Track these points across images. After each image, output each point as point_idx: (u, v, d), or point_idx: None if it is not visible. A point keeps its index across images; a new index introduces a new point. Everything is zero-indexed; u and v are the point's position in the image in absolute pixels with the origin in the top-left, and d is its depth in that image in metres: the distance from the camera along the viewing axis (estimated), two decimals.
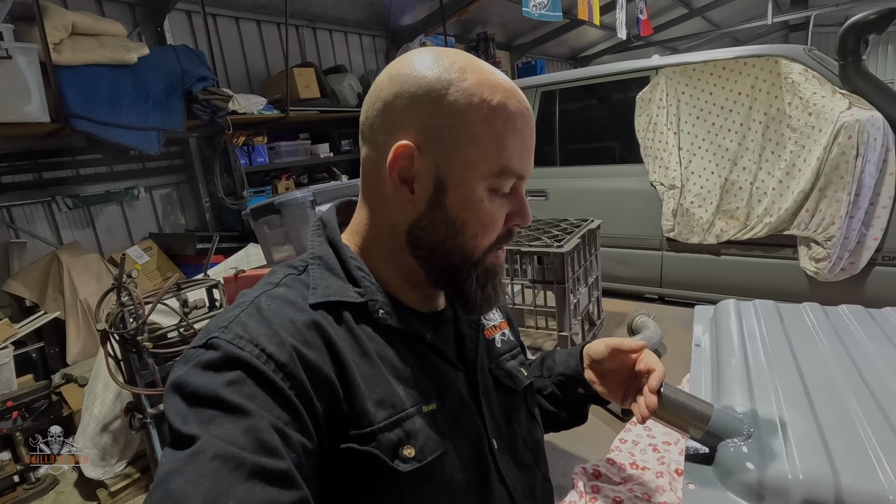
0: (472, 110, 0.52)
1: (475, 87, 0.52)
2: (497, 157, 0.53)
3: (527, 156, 0.56)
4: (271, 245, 1.86)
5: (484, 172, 0.53)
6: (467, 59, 0.55)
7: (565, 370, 0.77)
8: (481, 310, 0.60)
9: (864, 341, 0.79)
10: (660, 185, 2.53)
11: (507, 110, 0.53)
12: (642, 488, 0.80)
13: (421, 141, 0.53)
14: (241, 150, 3.56)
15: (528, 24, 6.04)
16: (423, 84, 0.53)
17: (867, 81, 2.04)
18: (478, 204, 0.54)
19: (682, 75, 2.47)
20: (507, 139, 0.53)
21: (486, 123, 0.52)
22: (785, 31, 8.79)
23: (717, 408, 0.61)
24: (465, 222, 0.55)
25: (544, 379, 0.80)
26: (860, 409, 0.60)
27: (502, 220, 0.57)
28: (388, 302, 0.58)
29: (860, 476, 0.50)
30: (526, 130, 0.55)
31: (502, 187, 0.55)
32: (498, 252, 0.59)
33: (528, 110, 0.56)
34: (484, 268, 0.58)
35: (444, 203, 0.54)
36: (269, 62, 4.17)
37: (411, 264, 0.58)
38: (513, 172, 0.54)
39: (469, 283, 0.58)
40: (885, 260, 2.04)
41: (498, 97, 0.53)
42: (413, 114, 0.53)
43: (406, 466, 0.51)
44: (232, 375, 0.45)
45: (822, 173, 2.01)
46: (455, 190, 0.54)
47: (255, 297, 0.54)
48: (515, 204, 0.57)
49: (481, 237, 0.56)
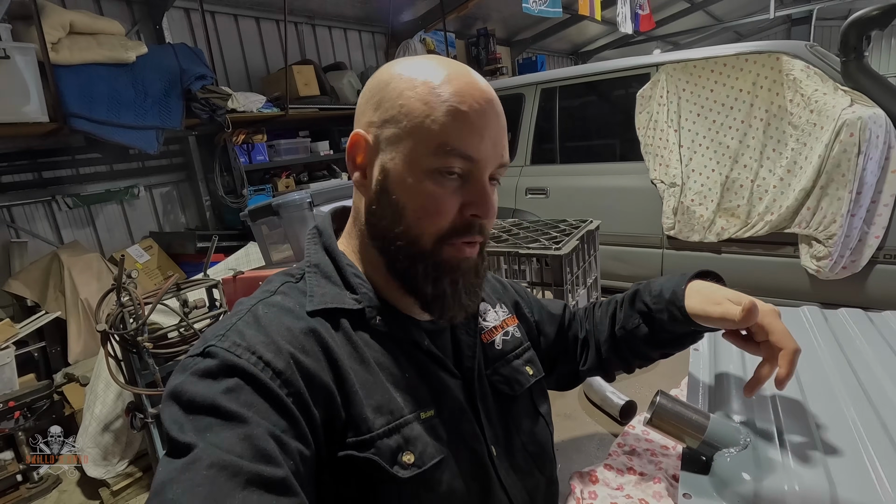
0: (410, 91, 0.53)
1: (421, 70, 0.54)
2: (434, 134, 0.52)
3: (475, 137, 0.53)
4: (270, 245, 1.86)
5: (422, 151, 0.53)
6: (431, 58, 0.56)
7: (670, 318, 0.70)
8: (434, 309, 0.57)
9: (863, 347, 0.78)
10: (660, 183, 2.52)
11: (448, 89, 0.52)
12: (639, 493, 0.80)
13: (370, 127, 0.56)
14: (240, 149, 3.55)
15: (528, 19, 5.99)
16: (379, 79, 0.56)
17: (869, 78, 2.02)
18: (417, 185, 0.53)
19: (682, 72, 2.45)
20: (444, 117, 0.52)
21: (425, 104, 0.52)
22: (787, 25, 8.73)
23: (713, 417, 0.61)
24: (406, 205, 0.54)
25: (629, 329, 0.75)
26: (858, 419, 0.60)
27: (451, 205, 0.54)
28: (385, 309, 0.58)
29: (857, 489, 0.50)
30: (472, 111, 0.53)
31: (445, 166, 0.53)
32: (460, 246, 0.56)
33: (480, 92, 0.54)
34: (438, 261, 0.55)
35: (388, 185, 0.55)
36: (268, 60, 4.15)
37: (378, 259, 0.58)
38: (454, 151, 0.52)
39: (414, 274, 0.56)
40: (886, 258, 2.03)
41: (442, 77, 0.53)
42: (367, 104, 0.56)
43: (405, 473, 0.51)
44: (229, 383, 0.45)
45: (824, 171, 2.00)
46: (396, 171, 0.54)
47: (253, 306, 0.54)
48: (472, 192, 0.54)
49: (425, 223, 0.54)
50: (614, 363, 0.81)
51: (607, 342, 0.79)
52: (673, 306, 0.69)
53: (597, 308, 0.84)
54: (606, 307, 0.82)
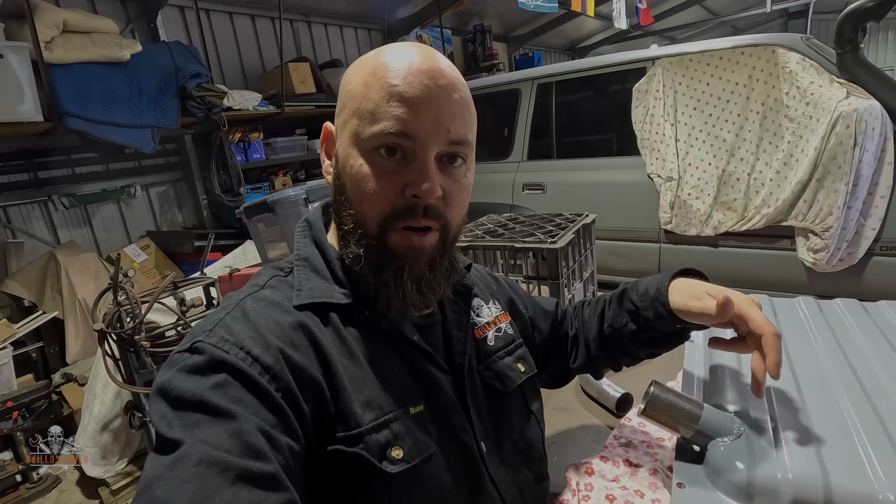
0: (354, 73, 0.55)
1: (372, 58, 0.55)
2: (366, 110, 0.52)
3: (411, 111, 0.51)
4: (266, 243, 1.85)
5: (355, 128, 0.53)
6: (398, 44, 0.56)
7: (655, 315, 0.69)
8: (379, 300, 0.55)
9: (858, 336, 0.78)
10: (657, 177, 2.52)
11: (387, 67, 0.52)
12: (635, 485, 0.80)
13: (335, 119, 0.58)
14: (236, 147, 3.55)
15: (524, 15, 5.98)
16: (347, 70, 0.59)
17: (865, 70, 2.02)
18: (354, 166, 0.53)
19: (678, 66, 2.44)
20: (380, 94, 0.51)
21: (364, 85, 0.53)
22: (784, 18, 8.72)
23: (707, 406, 0.61)
24: (346, 184, 0.55)
25: (618, 328, 0.75)
26: (852, 408, 0.60)
27: (389, 185, 0.52)
28: (374, 304, 0.58)
29: (850, 476, 0.50)
30: (412, 88, 0.51)
31: (381, 143, 0.51)
32: (407, 234, 0.53)
33: (426, 70, 0.52)
34: (383, 247, 0.54)
35: (339, 171, 0.56)
36: (263, 57, 4.14)
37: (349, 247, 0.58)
38: (383, 123, 0.50)
39: (360, 261, 0.54)
40: (882, 250, 2.03)
41: (383, 59, 0.53)
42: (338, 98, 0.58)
43: (394, 468, 0.51)
44: (217, 379, 0.45)
45: (820, 163, 2.00)
46: (343, 155, 0.55)
47: (241, 300, 0.54)
48: (413, 171, 0.52)
49: (365, 205, 0.53)
50: (603, 361, 0.81)
51: (596, 340, 0.79)
52: (657, 303, 0.69)
53: (586, 306, 0.84)
54: (595, 305, 0.82)
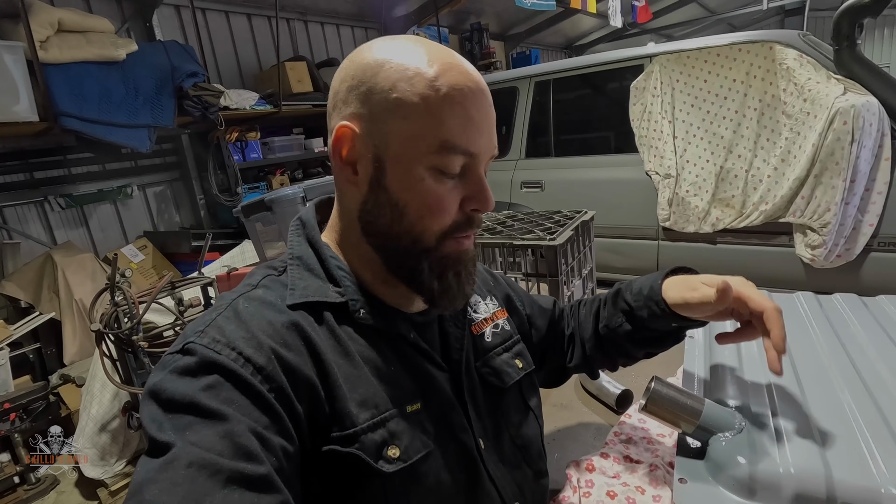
0: (404, 84, 0.50)
1: (410, 61, 0.51)
2: (434, 131, 0.50)
3: (474, 132, 0.52)
4: (264, 242, 1.85)
5: (421, 149, 0.51)
6: (415, 41, 0.53)
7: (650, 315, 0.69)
8: (441, 303, 0.57)
9: (857, 331, 0.78)
10: (655, 175, 2.52)
11: (445, 82, 0.50)
12: (636, 481, 0.80)
13: (359, 120, 0.52)
14: (234, 147, 3.53)
15: (521, 13, 5.98)
16: (361, 64, 0.53)
17: (862, 66, 2.02)
18: (419, 183, 0.52)
19: (676, 63, 2.44)
20: (444, 113, 0.50)
21: (420, 97, 0.50)
22: (781, 15, 8.71)
23: (708, 402, 0.61)
24: (408, 203, 0.53)
25: (613, 328, 0.75)
26: (853, 402, 0.60)
27: (453, 202, 0.54)
28: (369, 301, 0.57)
29: (852, 470, 0.50)
30: (470, 104, 0.51)
31: (448, 166, 0.52)
32: (460, 239, 0.56)
33: (475, 83, 0.52)
34: (441, 255, 0.55)
35: (384, 183, 0.53)
36: (260, 56, 4.13)
37: (372, 254, 0.57)
38: (455, 149, 0.51)
39: (422, 272, 0.55)
40: (880, 246, 2.03)
41: (434, 70, 0.50)
42: (352, 93, 0.53)
43: (390, 467, 0.51)
44: (209, 380, 0.44)
45: (818, 160, 2.00)
46: (393, 168, 0.52)
47: (233, 300, 0.53)
48: (471, 187, 0.54)
49: (428, 220, 0.53)
50: (598, 361, 0.81)
51: (591, 340, 0.79)
52: (651, 301, 0.69)
53: (582, 306, 0.84)
54: (591, 305, 0.82)
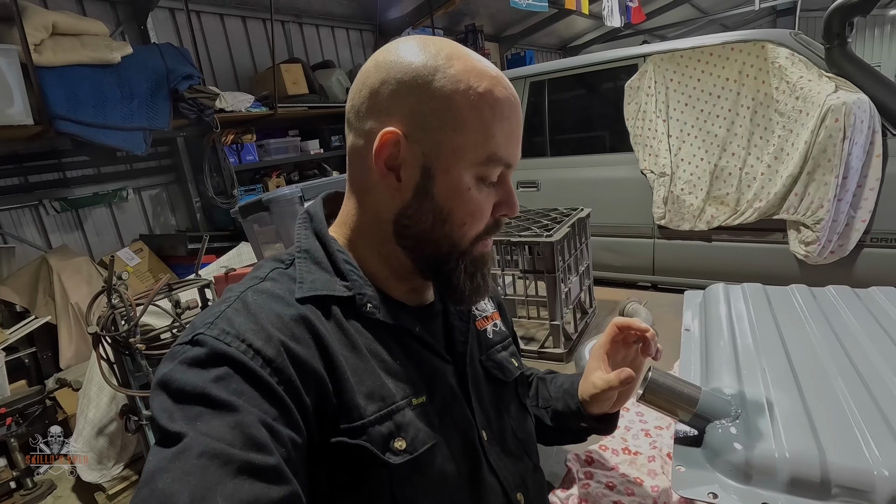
0: (458, 97, 0.52)
1: (462, 73, 0.52)
2: (484, 144, 0.53)
3: (514, 144, 0.56)
4: (262, 243, 1.85)
5: (471, 160, 0.53)
6: (453, 47, 0.55)
7: (564, 409, 0.76)
8: (470, 300, 0.60)
9: (850, 321, 0.80)
10: (650, 173, 2.53)
11: (494, 97, 0.53)
12: (635, 472, 0.81)
13: (408, 128, 0.53)
14: (229, 149, 3.53)
15: (516, 14, 6.00)
16: (409, 70, 0.53)
17: (853, 64, 2.04)
18: (465, 192, 0.54)
19: (669, 62, 2.46)
20: (493, 126, 0.53)
21: (473, 110, 0.52)
22: (773, 16, 8.79)
23: (705, 390, 0.61)
24: (453, 211, 0.55)
25: (540, 409, 0.79)
26: (846, 388, 0.61)
27: (490, 209, 0.57)
28: (377, 295, 0.58)
29: (845, 453, 0.51)
30: (513, 118, 0.55)
31: (490, 176, 0.55)
32: (486, 242, 0.59)
33: (515, 98, 0.56)
34: (472, 258, 0.58)
35: (432, 191, 0.54)
36: (255, 59, 4.12)
37: (398, 255, 0.58)
38: (500, 160, 0.55)
39: (458, 274, 0.58)
40: (873, 241, 2.05)
41: (485, 84, 0.53)
42: (400, 100, 0.53)
43: (397, 459, 0.51)
44: (219, 371, 0.45)
45: (811, 157, 2.02)
46: (442, 177, 0.54)
47: (242, 292, 0.54)
48: (502, 193, 0.58)
49: (469, 226, 0.56)
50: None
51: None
52: (568, 395, 0.75)
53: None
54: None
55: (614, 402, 0.71)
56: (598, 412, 0.72)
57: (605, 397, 0.69)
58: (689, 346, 0.82)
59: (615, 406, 0.72)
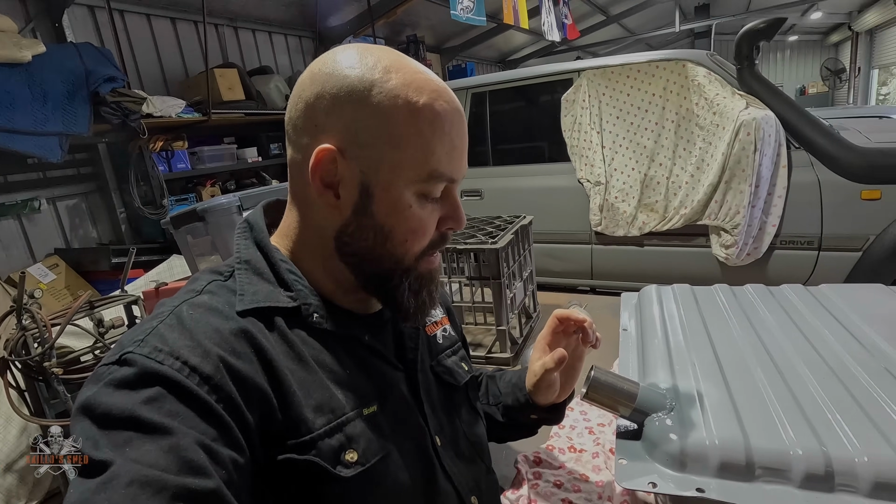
0: (396, 112, 0.50)
1: (400, 87, 0.51)
2: (424, 161, 0.52)
3: (457, 158, 0.55)
4: (196, 255, 1.75)
5: (411, 177, 0.52)
6: (393, 58, 0.53)
7: (513, 403, 0.78)
8: (415, 318, 0.60)
9: (766, 316, 0.87)
10: (587, 182, 2.66)
11: (434, 112, 0.52)
12: (581, 469, 0.84)
13: (344, 144, 0.51)
14: (158, 156, 3.33)
15: (456, 27, 6.12)
16: (344, 84, 0.51)
17: (760, 83, 2.26)
18: (406, 210, 0.53)
19: (602, 77, 2.61)
20: (434, 142, 0.52)
21: (412, 126, 0.51)
22: (691, 37, 9.55)
23: (642, 386, 0.65)
24: (394, 228, 0.53)
25: (491, 406, 0.81)
26: (765, 377, 0.67)
27: (434, 224, 0.56)
28: (323, 305, 0.56)
29: (766, 437, 0.56)
30: (455, 133, 0.54)
31: (432, 192, 0.54)
32: (431, 258, 0.58)
33: (458, 111, 0.55)
34: (417, 274, 0.57)
35: (371, 209, 0.53)
36: (186, 63, 3.92)
37: (343, 270, 0.57)
38: (442, 176, 0.53)
39: (402, 291, 0.57)
40: (782, 244, 2.27)
41: (424, 98, 0.51)
42: (335, 116, 0.51)
43: (349, 472, 0.50)
44: (150, 392, 0.42)
45: (727, 167, 2.20)
46: (382, 195, 0.52)
47: (176, 307, 0.50)
48: (448, 207, 0.57)
49: (411, 243, 0.55)
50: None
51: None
52: (517, 389, 0.77)
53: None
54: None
55: (559, 392, 0.74)
56: (545, 402, 0.74)
57: (547, 383, 0.71)
58: (627, 344, 0.86)
59: (561, 395, 0.75)
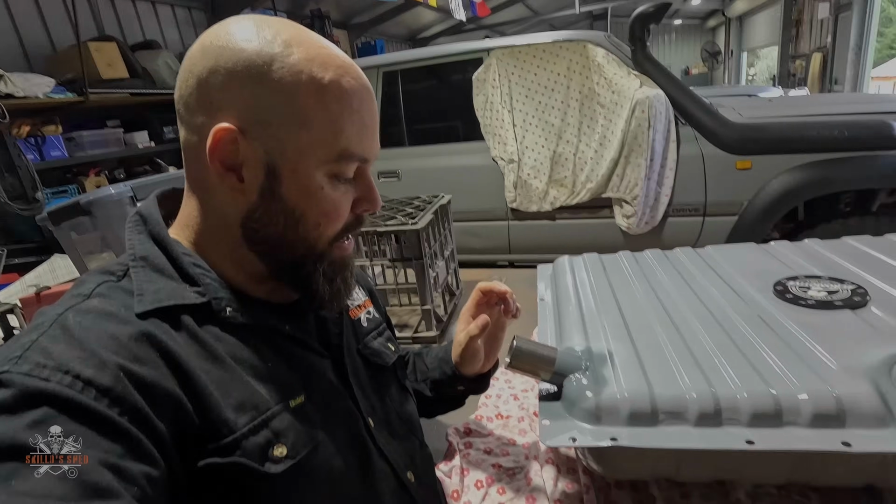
0: (300, 89, 0.48)
1: (303, 62, 0.48)
2: (334, 140, 0.50)
3: (368, 137, 0.53)
4: (84, 254, 1.57)
5: (321, 158, 0.50)
6: (294, 31, 0.50)
7: (441, 376, 0.79)
8: (331, 306, 0.58)
9: (663, 278, 0.96)
10: (500, 160, 2.74)
11: (342, 89, 0.49)
12: (508, 434, 0.88)
13: (245, 123, 0.48)
14: (25, 143, 2.91)
15: (363, 2, 5.93)
16: (241, 58, 0.47)
17: (652, 64, 2.45)
18: (318, 192, 0.51)
19: (510, 57, 2.67)
20: (343, 121, 0.50)
21: (318, 104, 0.48)
22: (590, 19, 10.08)
23: (560, 350, 0.69)
24: (305, 212, 0.51)
25: (419, 382, 0.82)
26: (664, 333, 0.74)
27: (348, 206, 0.54)
28: (235, 298, 0.53)
29: (666, 385, 0.62)
30: (365, 110, 0.52)
31: (344, 172, 0.52)
32: (345, 244, 0.57)
33: (367, 88, 0.53)
34: (331, 260, 0.55)
35: (279, 192, 0.50)
36: (52, 35, 3.44)
37: (252, 259, 0.54)
38: (353, 156, 0.52)
39: (316, 278, 0.55)
40: (674, 212, 2.50)
41: (330, 74, 0.49)
42: (233, 93, 0.48)
43: (278, 467, 0.48)
44: (35, 415, 0.37)
45: (626, 143, 2.38)
46: (290, 177, 0.50)
47: (60, 315, 0.45)
48: (362, 189, 0.55)
49: (325, 227, 0.53)
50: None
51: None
52: (444, 363, 0.80)
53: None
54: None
55: (484, 362, 0.77)
56: (471, 373, 0.77)
57: (472, 352, 0.75)
58: (545, 313, 0.92)
59: (485, 365, 0.78)
